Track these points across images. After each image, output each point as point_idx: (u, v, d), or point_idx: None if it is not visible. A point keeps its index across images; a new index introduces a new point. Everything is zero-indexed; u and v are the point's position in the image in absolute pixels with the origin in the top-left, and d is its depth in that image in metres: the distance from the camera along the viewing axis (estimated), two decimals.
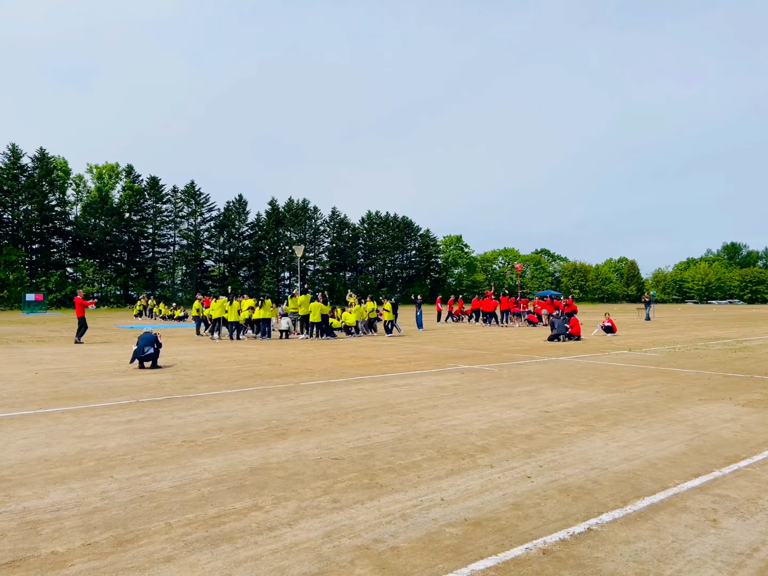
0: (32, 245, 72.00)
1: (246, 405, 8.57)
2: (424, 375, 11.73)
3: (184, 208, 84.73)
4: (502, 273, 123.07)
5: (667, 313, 51.10)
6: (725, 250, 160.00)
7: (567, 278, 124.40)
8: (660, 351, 16.69)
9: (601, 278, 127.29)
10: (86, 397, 9.30)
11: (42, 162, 71.36)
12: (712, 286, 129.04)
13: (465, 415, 7.72)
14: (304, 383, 10.70)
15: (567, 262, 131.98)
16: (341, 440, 6.43)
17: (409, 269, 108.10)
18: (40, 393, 9.74)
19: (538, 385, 10.35)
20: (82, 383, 10.79)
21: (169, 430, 6.96)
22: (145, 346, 13.01)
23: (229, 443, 6.34)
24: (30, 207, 69.72)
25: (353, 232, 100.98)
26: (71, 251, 75.65)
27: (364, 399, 8.97)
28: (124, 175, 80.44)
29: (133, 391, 9.86)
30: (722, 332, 25.48)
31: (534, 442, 6.27)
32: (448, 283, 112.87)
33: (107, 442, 6.41)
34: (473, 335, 23.58)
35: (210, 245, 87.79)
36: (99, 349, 17.53)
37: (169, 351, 16.47)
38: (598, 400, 8.79)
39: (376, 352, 16.55)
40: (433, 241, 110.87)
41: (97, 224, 74.92)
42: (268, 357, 15.45)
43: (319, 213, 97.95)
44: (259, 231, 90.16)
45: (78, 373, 12.22)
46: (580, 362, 13.86)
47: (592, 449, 6.01)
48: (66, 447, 6.24)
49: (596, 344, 18.89)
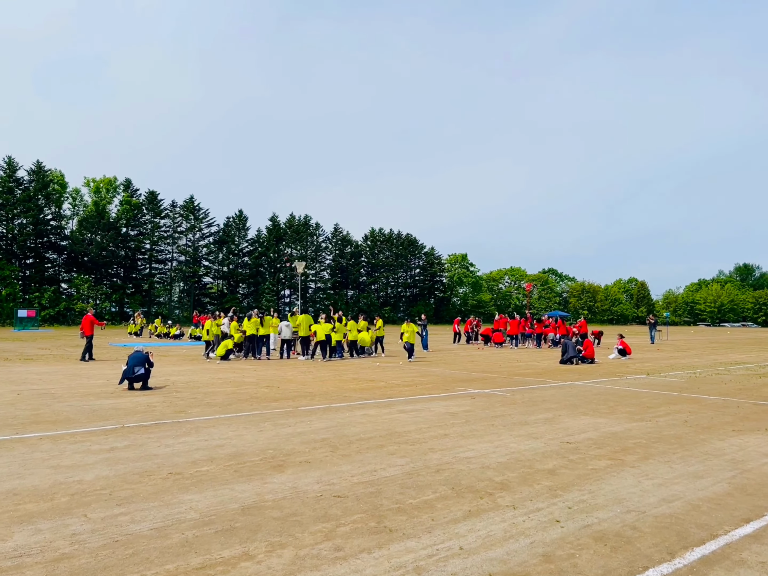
0: (26, 260, 71.80)
1: (240, 432, 8.08)
2: (433, 400, 11.22)
3: (183, 223, 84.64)
4: (508, 293, 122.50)
5: (680, 336, 50.48)
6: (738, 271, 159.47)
7: (575, 299, 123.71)
8: (680, 376, 16.15)
9: (610, 299, 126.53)
10: (68, 421, 8.82)
11: (38, 175, 71.43)
12: (725, 309, 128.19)
13: (479, 445, 7.22)
14: (304, 408, 10.21)
15: (575, 282, 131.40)
16: (344, 474, 5.93)
17: (412, 288, 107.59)
18: (20, 416, 9.26)
19: (556, 412, 9.84)
20: (65, 405, 10.31)
21: (155, 461, 6.47)
22: (135, 366, 12.54)
23: (220, 476, 5.86)
24: (25, 221, 69.62)
25: (356, 250, 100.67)
26: (66, 266, 75.41)
27: (369, 426, 8.48)
28: (122, 189, 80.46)
29: (120, 415, 9.38)
30: (742, 356, 24.92)
31: (558, 479, 5.77)
32: (453, 302, 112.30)
33: (84, 474, 5.93)
34: (481, 357, 23.05)
35: (209, 261, 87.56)
36: (88, 369, 17.05)
37: (162, 371, 16.00)
38: (622, 430, 8.28)
39: (380, 374, 16.04)
40: (438, 260, 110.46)
41: (93, 239, 74.76)
42: (265, 378, 14.95)
43: (321, 229, 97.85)
44: (259, 247, 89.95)
45: (63, 394, 11.74)
46: (597, 387, 13.34)
47: (624, 488, 5.50)
48: (39, 479, 5.76)
49: (611, 368, 18.35)
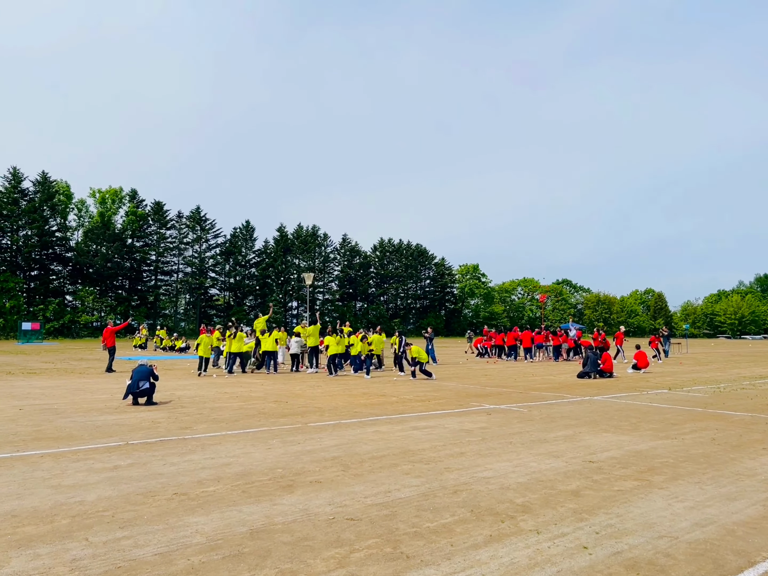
0: (31, 272, 72.29)
1: (248, 449, 7.94)
2: (447, 416, 11.04)
3: (189, 234, 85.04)
4: (521, 304, 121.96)
5: (700, 349, 49.94)
6: (758, 281, 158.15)
7: (590, 310, 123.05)
8: (703, 390, 15.88)
9: (626, 311, 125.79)
10: (70, 438, 8.72)
11: (44, 186, 72.02)
12: (746, 320, 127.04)
13: (498, 465, 7.04)
14: (313, 424, 10.06)
15: (590, 294, 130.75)
16: (357, 495, 5.78)
17: (423, 299, 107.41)
18: (21, 432, 9.17)
19: (576, 429, 9.64)
20: (68, 421, 10.22)
21: (159, 480, 6.35)
22: (139, 381, 12.46)
23: (227, 497, 5.72)
24: (30, 232, 70.18)
25: (364, 260, 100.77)
26: (71, 278, 75.84)
27: (381, 444, 8.32)
28: (128, 199, 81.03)
29: (124, 432, 9.28)
30: (766, 370, 24.54)
31: (583, 501, 5.59)
32: (465, 314, 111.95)
33: (86, 494, 5.81)
34: (495, 371, 22.83)
35: (215, 273, 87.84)
36: (92, 383, 17.00)
37: (167, 385, 15.92)
38: (647, 448, 8.07)
39: (390, 389, 15.88)
40: (449, 270, 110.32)
41: (99, 250, 75.22)
42: (273, 393, 14.83)
43: (329, 240, 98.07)
44: (266, 258, 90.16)
45: (66, 409, 11.66)
46: (617, 403, 13.11)
47: (653, 511, 5.31)
48: (39, 499, 5.65)
49: (631, 382, 18.09)
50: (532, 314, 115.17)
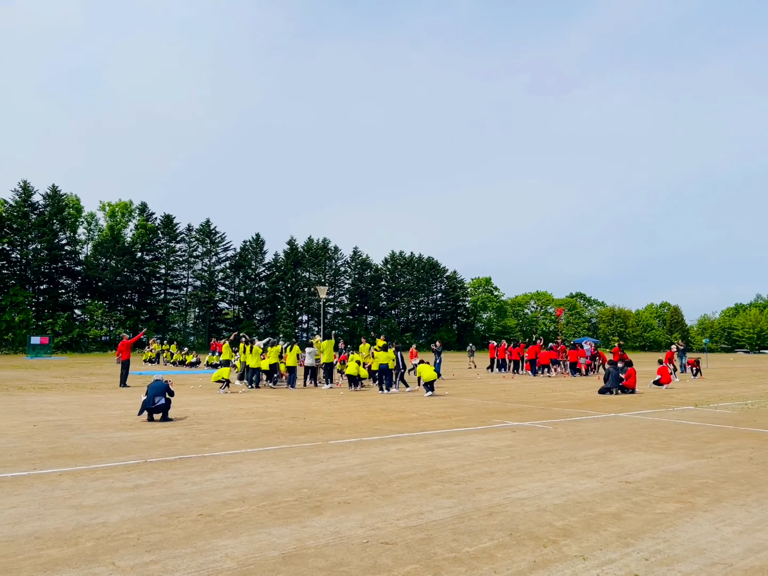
0: (40, 286, 72.74)
1: (270, 468, 7.81)
2: (470, 433, 10.87)
3: (199, 247, 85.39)
4: (534, 318, 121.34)
5: (720, 364, 49.39)
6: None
7: (605, 324, 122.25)
8: (731, 407, 15.61)
9: (642, 325, 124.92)
10: (87, 456, 8.63)
11: (54, 199, 72.64)
12: (765, 335, 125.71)
13: (531, 485, 6.87)
14: (334, 441, 9.93)
15: (604, 307, 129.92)
16: (389, 517, 5.63)
17: (434, 313, 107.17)
18: (37, 449, 9.10)
19: (606, 447, 9.45)
20: (84, 438, 10.14)
21: (183, 500, 6.23)
22: (155, 396, 12.37)
23: (254, 518, 5.59)
24: (39, 246, 70.70)
25: (375, 274, 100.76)
26: (80, 292, 76.26)
27: (407, 463, 8.17)
28: (137, 213, 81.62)
29: (141, 449, 9.18)
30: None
31: (626, 524, 5.42)
32: (477, 328, 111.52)
33: (109, 515, 5.70)
34: (513, 386, 22.60)
35: (225, 286, 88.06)
36: (105, 398, 16.95)
37: (181, 401, 15.83)
38: (683, 468, 7.87)
39: (408, 405, 15.71)
40: (461, 284, 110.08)
41: (108, 264, 75.67)
42: (289, 409, 14.71)
43: (339, 253, 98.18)
44: (276, 272, 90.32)
45: (80, 425, 11.59)
46: (644, 420, 12.89)
47: (702, 535, 5.13)
48: (61, 520, 5.55)
49: (655, 398, 17.82)
50: (546, 328, 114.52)
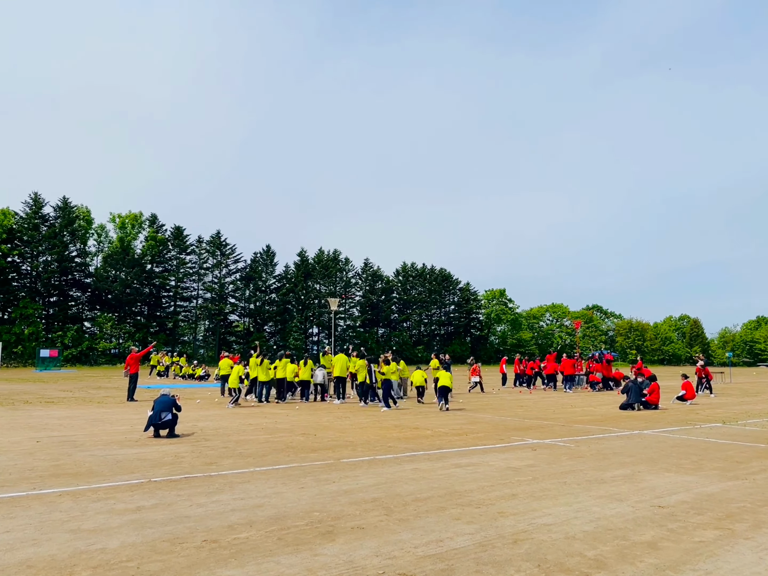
0: (50, 298, 73.09)
1: (279, 489, 7.52)
2: (489, 452, 10.52)
3: (209, 259, 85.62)
4: (550, 331, 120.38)
5: (743, 378, 48.56)
6: None
7: (622, 337, 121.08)
8: (760, 424, 15.14)
9: (660, 338, 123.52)
10: (90, 474, 8.38)
11: (64, 211, 73.17)
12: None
13: (556, 509, 6.52)
14: (346, 460, 9.62)
15: (622, 320, 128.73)
16: (406, 544, 5.31)
17: (447, 325, 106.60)
18: (38, 467, 8.86)
19: (633, 467, 9.07)
20: (87, 455, 9.90)
21: (187, 524, 5.94)
22: (162, 412, 12.12)
23: (262, 545, 5.29)
24: (50, 258, 71.12)
25: (387, 285, 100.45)
26: (89, 304, 76.57)
27: (423, 483, 7.84)
28: (148, 224, 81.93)
29: (146, 467, 8.91)
30: None
31: (663, 554, 5.06)
32: (491, 341, 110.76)
33: (109, 541, 5.42)
34: (531, 401, 22.18)
35: (235, 299, 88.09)
36: (111, 413, 16.74)
37: (189, 416, 15.59)
38: (718, 491, 7.49)
39: (423, 421, 15.37)
40: (474, 296, 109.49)
41: (118, 276, 75.95)
42: (300, 425, 14.41)
43: (350, 265, 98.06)
44: (287, 284, 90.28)
45: (84, 442, 11.36)
46: (670, 438, 12.47)
47: (745, 566, 4.77)
48: (57, 546, 5.27)
49: (680, 415, 17.36)
50: (562, 341, 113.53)
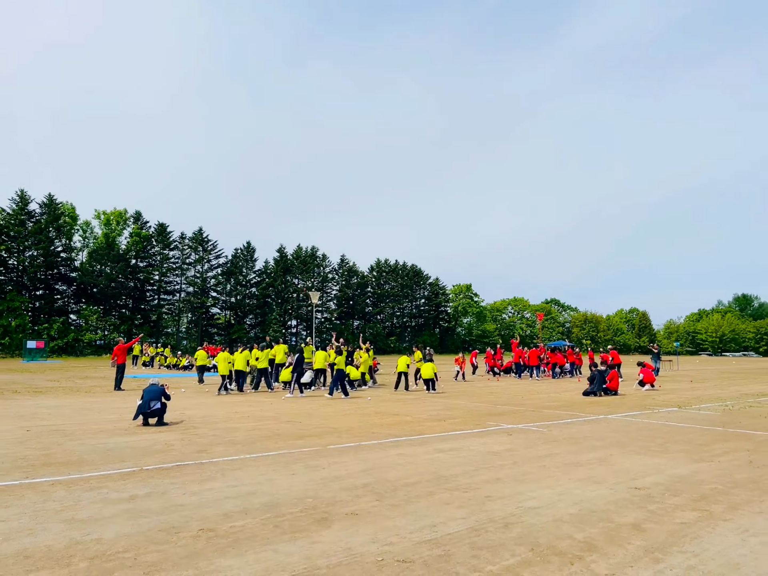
0: (36, 291, 71.20)
1: (271, 476, 7.24)
2: (468, 437, 10.36)
3: (192, 254, 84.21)
4: (512, 323, 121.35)
5: (688, 366, 49.40)
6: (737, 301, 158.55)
7: (578, 329, 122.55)
8: (713, 408, 15.26)
9: (612, 329, 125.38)
10: (81, 463, 7.99)
11: (50, 208, 71.23)
12: (726, 338, 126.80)
13: (540, 492, 6.37)
14: (333, 446, 9.37)
15: (578, 313, 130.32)
16: (401, 530, 5.10)
17: (418, 318, 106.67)
18: (30, 456, 8.44)
19: (605, 450, 8.98)
20: (77, 444, 9.48)
21: (182, 513, 5.65)
22: (151, 401, 11.72)
23: (259, 533, 5.02)
24: (36, 253, 69.27)
25: (362, 280, 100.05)
26: (75, 298, 74.75)
27: (410, 468, 7.63)
28: (132, 221, 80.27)
29: (137, 456, 8.55)
30: (763, 387, 23.96)
31: (649, 536, 4.93)
32: (458, 332, 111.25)
33: (104, 531, 5.11)
34: (500, 389, 22.16)
35: (216, 292, 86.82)
36: (99, 402, 16.21)
37: (176, 405, 15.16)
38: (689, 473, 7.42)
39: (401, 408, 15.17)
40: (443, 290, 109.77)
41: (103, 270, 74.31)
42: (284, 412, 14.11)
43: (327, 260, 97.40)
44: (266, 278, 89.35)
45: (74, 431, 10.90)
46: (634, 422, 12.46)
47: (731, 548, 4.66)
48: (53, 536, 4.95)
49: (638, 400, 17.44)
50: (523, 332, 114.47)
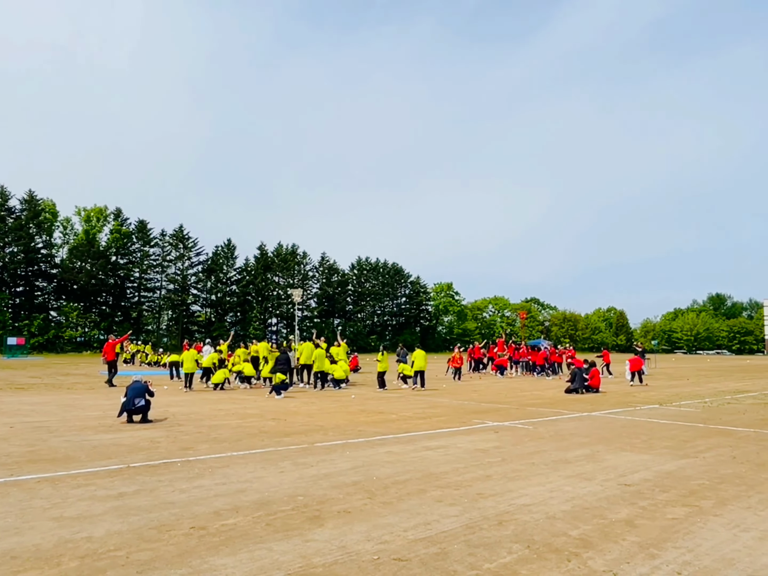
0: (16, 288, 70.11)
1: (259, 473, 7.12)
2: (455, 434, 10.32)
3: (172, 252, 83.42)
4: (492, 321, 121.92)
5: (665, 364, 50.02)
6: (711, 300, 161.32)
7: (557, 327, 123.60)
8: (692, 405, 15.42)
9: (590, 327, 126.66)
10: (67, 460, 7.81)
11: (30, 204, 70.19)
12: (701, 337, 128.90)
13: (531, 489, 6.34)
14: (320, 444, 9.27)
15: (557, 311, 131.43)
16: (395, 528, 5.03)
17: (398, 316, 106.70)
18: (14, 453, 8.23)
19: (592, 447, 9.00)
20: (62, 441, 9.28)
21: (172, 510, 5.52)
22: (135, 398, 11.51)
23: (251, 531, 4.92)
24: (16, 249, 68.23)
25: (342, 278, 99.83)
26: (55, 294, 73.72)
27: (399, 466, 7.56)
28: (113, 218, 79.37)
29: (123, 452, 8.38)
30: (738, 384, 24.30)
31: (642, 532, 4.92)
32: (439, 331, 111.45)
33: (94, 528, 4.97)
34: (483, 386, 22.22)
35: (197, 290, 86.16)
36: (82, 399, 15.93)
37: (159, 401, 14.90)
38: (675, 469, 7.45)
39: (386, 406, 15.11)
40: (424, 289, 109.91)
41: (83, 267, 73.26)
42: (269, 410, 13.97)
43: (308, 258, 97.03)
44: (247, 276, 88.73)
45: (59, 427, 10.68)
46: (617, 419, 12.54)
47: (723, 543, 4.66)
48: (41, 535, 4.80)
49: (620, 397, 17.58)
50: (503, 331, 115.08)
